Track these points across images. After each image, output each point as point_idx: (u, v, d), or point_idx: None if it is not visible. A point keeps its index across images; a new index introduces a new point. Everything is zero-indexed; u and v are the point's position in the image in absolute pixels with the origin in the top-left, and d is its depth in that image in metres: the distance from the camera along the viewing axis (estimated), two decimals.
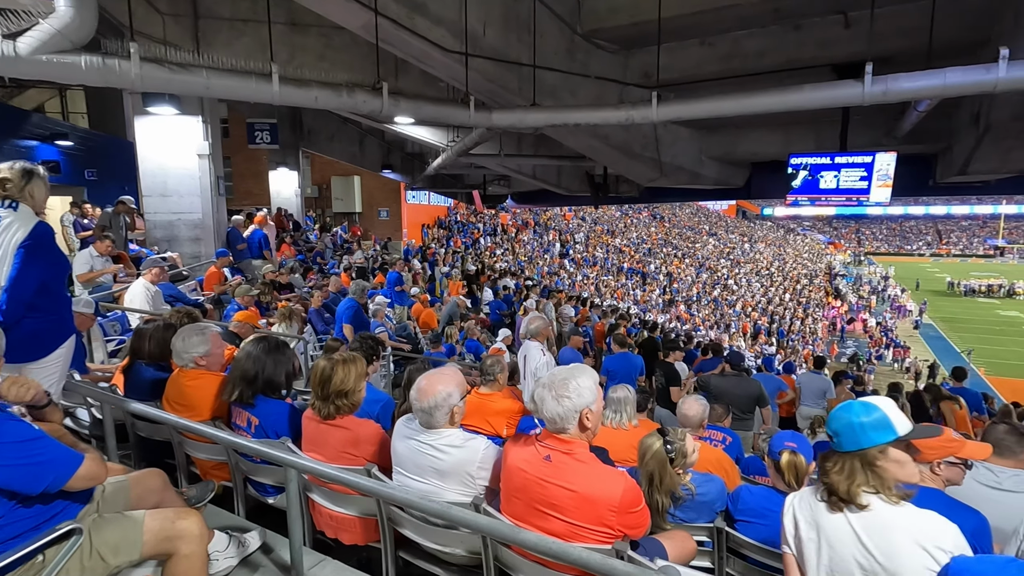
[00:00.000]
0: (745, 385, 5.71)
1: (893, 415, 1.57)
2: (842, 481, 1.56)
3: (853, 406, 1.60)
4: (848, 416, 1.58)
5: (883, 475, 1.54)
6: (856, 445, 1.55)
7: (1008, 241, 63.27)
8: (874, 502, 1.53)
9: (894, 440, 1.55)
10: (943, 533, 1.47)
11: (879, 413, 1.56)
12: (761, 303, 32.47)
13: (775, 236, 62.07)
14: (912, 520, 1.50)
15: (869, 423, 1.55)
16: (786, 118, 7.23)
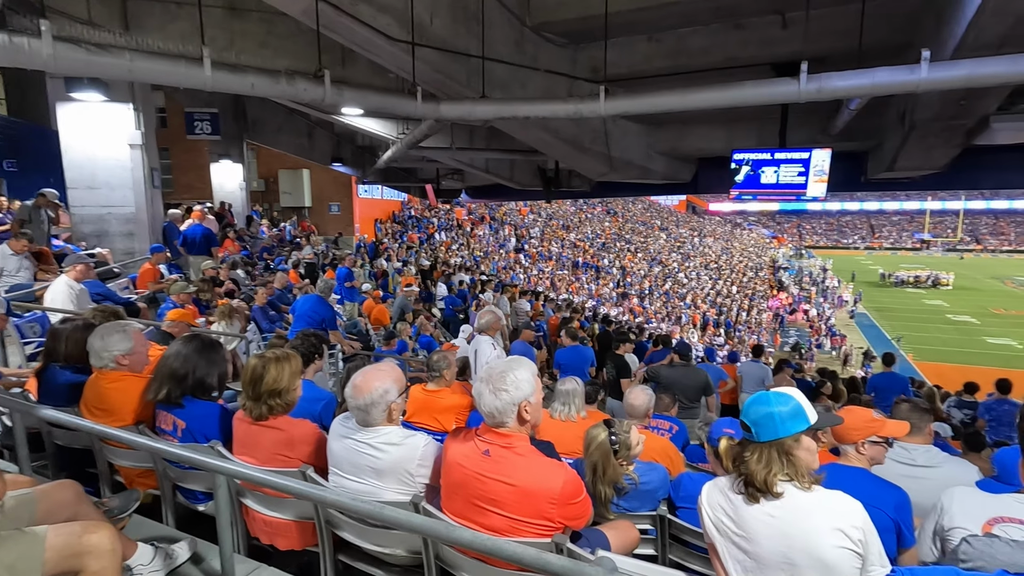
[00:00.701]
0: (692, 375, 5.87)
1: (805, 404, 1.62)
2: (760, 470, 1.58)
3: (770, 397, 1.64)
4: (767, 407, 1.61)
5: (797, 463, 1.58)
6: (774, 435, 1.59)
7: (933, 235, 67.63)
8: (789, 489, 1.57)
9: (807, 428, 1.61)
10: (852, 511, 1.53)
11: (794, 403, 1.61)
12: (710, 295, 33.54)
13: (723, 231, 64.20)
14: (824, 503, 1.55)
15: (786, 413, 1.59)
16: (729, 115, 7.45)
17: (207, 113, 11.50)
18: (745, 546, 1.61)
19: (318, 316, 6.43)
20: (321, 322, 6.51)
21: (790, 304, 35.20)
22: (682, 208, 72.65)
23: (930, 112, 5.29)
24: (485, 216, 29.26)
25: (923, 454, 2.59)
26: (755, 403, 1.64)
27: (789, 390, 1.66)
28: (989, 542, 1.23)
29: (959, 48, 4.16)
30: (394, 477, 1.89)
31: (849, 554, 1.50)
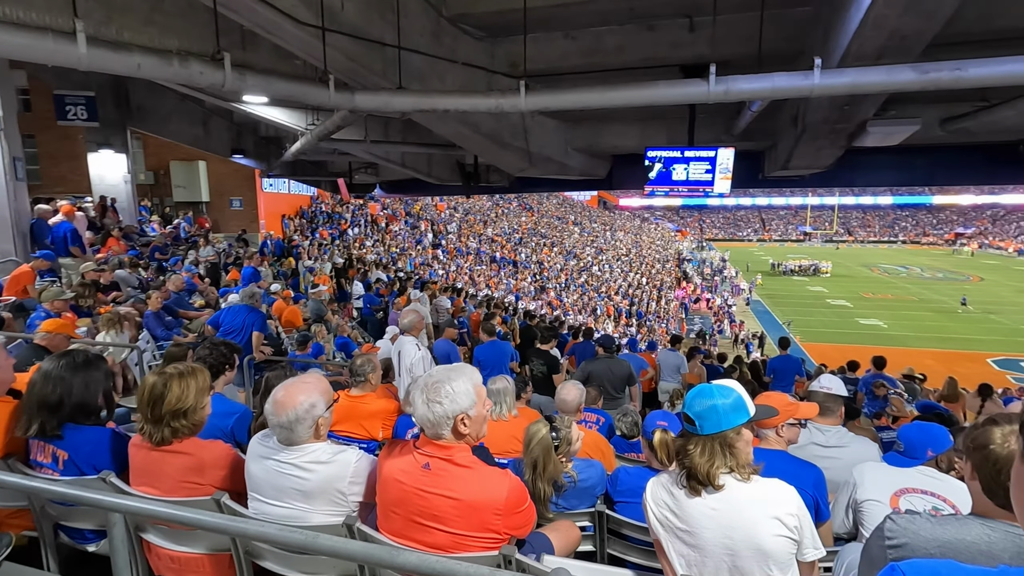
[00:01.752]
0: (617, 367, 6.03)
1: (745, 397, 1.67)
2: (704, 463, 1.61)
3: (712, 390, 1.67)
4: (710, 400, 1.64)
5: (738, 455, 1.63)
6: (717, 428, 1.61)
7: (814, 228, 74.90)
8: (729, 481, 1.61)
9: (747, 421, 1.65)
10: (788, 500, 1.60)
11: (735, 396, 1.65)
12: (623, 287, 34.97)
13: (632, 225, 67.13)
14: (762, 493, 1.61)
15: (728, 406, 1.62)
16: (642, 113, 7.73)
17: (82, 96, 10.24)
18: (689, 540, 1.64)
19: (251, 329, 5.95)
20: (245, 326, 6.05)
21: (694, 293, 37.51)
22: (594, 204, 75.06)
23: (819, 116, 5.77)
24: (400, 211, 28.59)
25: (835, 435, 2.80)
26: (698, 396, 1.66)
27: (730, 383, 1.69)
28: (911, 519, 1.31)
29: (844, 58, 4.53)
30: (324, 498, 1.74)
31: (786, 541, 1.57)
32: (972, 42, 5.36)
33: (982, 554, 1.22)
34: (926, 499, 2.10)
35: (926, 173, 8.24)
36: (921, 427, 2.26)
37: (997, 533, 1.23)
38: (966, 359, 23.32)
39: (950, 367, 19.97)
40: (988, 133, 6.82)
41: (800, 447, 2.66)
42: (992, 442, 1.24)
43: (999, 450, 1.22)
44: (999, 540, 1.22)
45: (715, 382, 1.71)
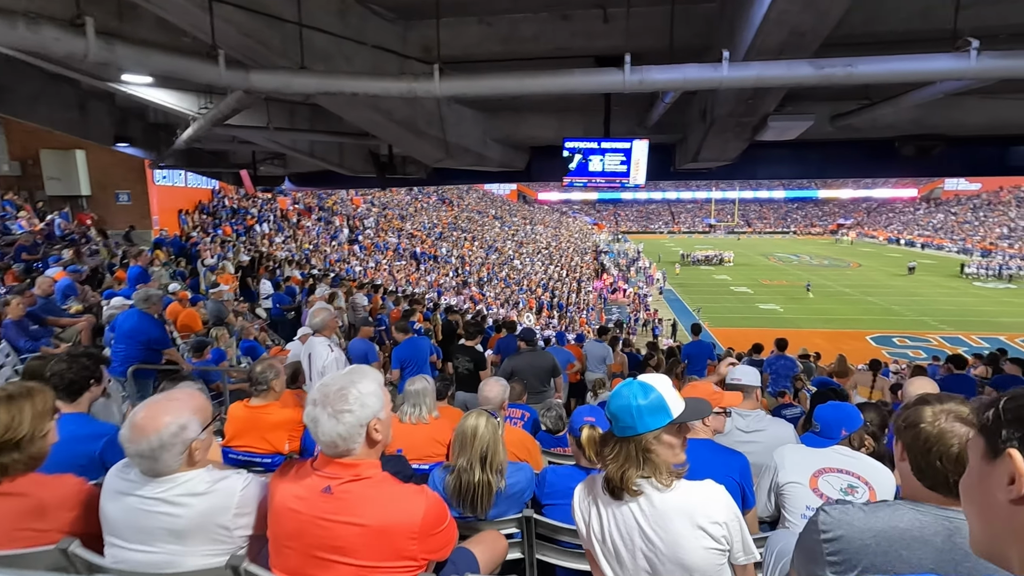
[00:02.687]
0: (540, 359, 5.96)
1: (668, 396, 1.52)
2: (615, 469, 1.48)
3: (632, 387, 1.52)
4: (627, 399, 1.50)
5: (656, 461, 1.49)
6: (632, 431, 1.48)
7: (717, 220, 79.95)
8: (648, 489, 1.47)
9: (668, 423, 1.51)
10: (713, 507, 1.48)
11: (655, 395, 1.50)
12: (543, 280, 35.46)
13: (551, 218, 68.32)
14: (685, 500, 1.48)
15: (646, 406, 1.48)
16: (560, 105, 7.70)
17: None
18: (613, 547, 1.52)
19: (143, 335, 5.36)
20: (147, 342, 5.43)
21: (612, 284, 38.79)
22: (514, 197, 75.63)
23: (726, 109, 5.98)
24: (313, 206, 27.20)
25: (755, 419, 2.84)
26: (616, 395, 1.53)
27: (655, 380, 1.55)
28: (843, 509, 1.27)
29: (749, 52, 4.68)
30: (203, 536, 1.45)
31: (713, 553, 1.46)
32: (855, 44, 5.73)
33: (916, 540, 1.19)
34: (842, 478, 2.15)
35: (818, 167, 8.88)
36: (835, 407, 2.32)
37: (928, 517, 1.20)
38: (849, 337, 25.76)
39: (837, 345, 21.94)
40: (870, 130, 7.41)
41: (723, 433, 2.67)
42: (923, 420, 1.21)
43: (929, 428, 1.20)
44: (930, 524, 1.19)
45: (640, 378, 1.57)
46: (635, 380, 1.55)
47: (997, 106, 6.98)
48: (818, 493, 2.12)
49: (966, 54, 4.16)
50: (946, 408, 1.20)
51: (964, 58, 4.16)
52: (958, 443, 1.15)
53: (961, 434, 1.15)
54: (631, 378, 1.57)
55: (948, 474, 1.16)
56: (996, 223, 58.60)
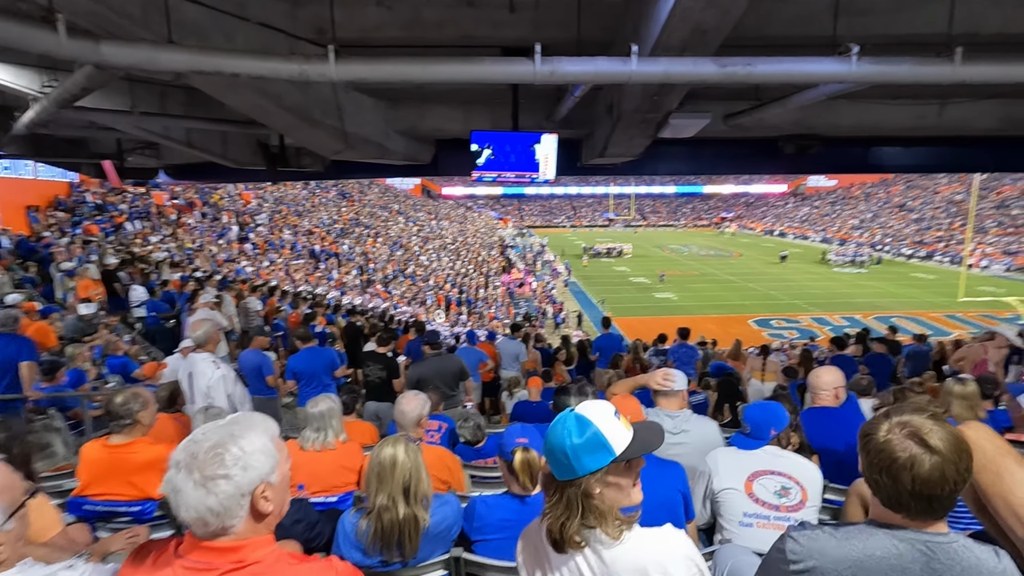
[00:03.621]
0: (447, 364, 5.66)
1: (609, 429, 1.27)
2: (555, 520, 1.26)
3: (567, 422, 1.28)
4: (561, 437, 1.26)
5: (601, 508, 1.26)
6: (570, 474, 1.25)
7: (616, 214, 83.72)
8: (593, 542, 1.26)
9: (612, 462, 1.26)
10: (674, 561, 1.26)
11: (592, 431, 1.25)
12: (451, 275, 35.06)
13: (457, 213, 67.86)
14: (638, 555, 1.26)
15: (583, 445, 1.24)
16: (466, 96, 7.43)
17: None
18: None
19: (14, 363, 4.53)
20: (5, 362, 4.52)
21: (518, 278, 39.21)
22: (418, 192, 74.31)
23: (632, 105, 6.04)
24: (195, 201, 24.77)
25: (682, 419, 2.78)
26: (550, 432, 1.30)
27: (593, 411, 1.30)
28: (812, 535, 1.16)
29: (655, 48, 4.71)
30: None
31: None
32: (746, 46, 5.99)
33: (894, 569, 1.09)
34: (775, 480, 2.12)
35: (711, 163, 9.35)
36: (764, 407, 2.30)
37: (904, 544, 1.11)
38: (735, 321, 27.94)
39: (725, 329, 23.67)
40: (758, 129, 7.88)
41: None
42: (885, 441, 1.12)
43: (886, 447, 1.11)
44: (907, 552, 1.10)
45: (577, 408, 1.32)
46: (571, 413, 1.31)
47: (863, 110, 7.69)
48: (754, 498, 2.07)
49: (848, 59, 4.44)
50: (902, 421, 1.12)
51: (847, 62, 4.43)
52: (929, 463, 1.06)
53: (917, 453, 1.07)
54: (568, 409, 1.33)
55: (904, 494, 1.08)
56: (849, 215, 66.46)
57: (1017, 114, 7.66)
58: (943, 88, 7.29)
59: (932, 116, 7.77)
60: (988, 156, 8.75)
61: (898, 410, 1.16)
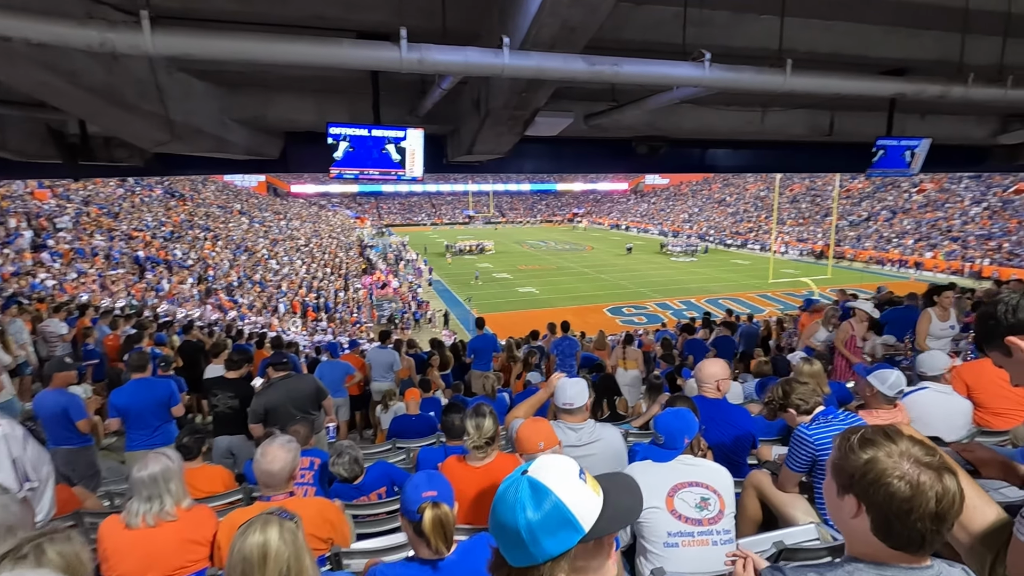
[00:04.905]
0: (299, 386, 4.90)
1: (574, 498, 0.99)
2: None
3: (519, 491, 1.00)
4: (513, 513, 0.98)
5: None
6: (528, 559, 0.99)
7: (476, 211, 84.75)
8: None
9: (581, 541, 1.00)
10: None
11: (552, 501, 0.97)
12: (306, 279, 32.64)
13: (309, 213, 63.58)
14: None
15: (541, 522, 0.96)
16: (319, 84, 6.71)
17: None
18: None
19: None
20: None
21: (380, 279, 37.82)
22: (262, 190, 68.46)
23: (501, 101, 5.89)
24: None
25: (587, 431, 2.64)
26: (499, 503, 1.01)
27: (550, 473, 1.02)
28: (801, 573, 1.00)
29: (524, 43, 4.58)
30: None
31: None
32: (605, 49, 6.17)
33: None
34: (694, 492, 2.04)
35: (573, 162, 9.63)
36: (676, 415, 2.22)
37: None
38: (591, 311, 29.73)
39: (583, 319, 25.00)
40: (615, 130, 8.23)
41: None
42: (889, 474, 1.01)
43: (900, 484, 1.00)
44: None
45: (531, 470, 1.03)
46: (523, 478, 1.02)
47: (702, 114, 8.40)
48: (676, 515, 1.98)
49: (701, 64, 4.70)
50: (903, 451, 1.02)
51: (701, 67, 4.69)
52: (951, 494, 0.97)
53: (940, 489, 0.97)
54: (518, 471, 1.05)
55: (925, 532, 0.98)
56: (680, 210, 74.46)
57: (821, 122, 8.92)
58: (765, 97, 8.23)
59: (756, 122, 8.74)
60: (800, 158, 10.12)
61: (874, 435, 1.06)
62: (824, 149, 9.68)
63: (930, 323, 5.55)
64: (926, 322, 5.57)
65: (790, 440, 2.47)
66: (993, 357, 1.37)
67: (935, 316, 5.58)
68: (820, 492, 2.45)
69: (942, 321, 5.56)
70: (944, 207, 44.75)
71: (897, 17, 6.48)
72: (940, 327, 5.49)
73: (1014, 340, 1.29)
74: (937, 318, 5.56)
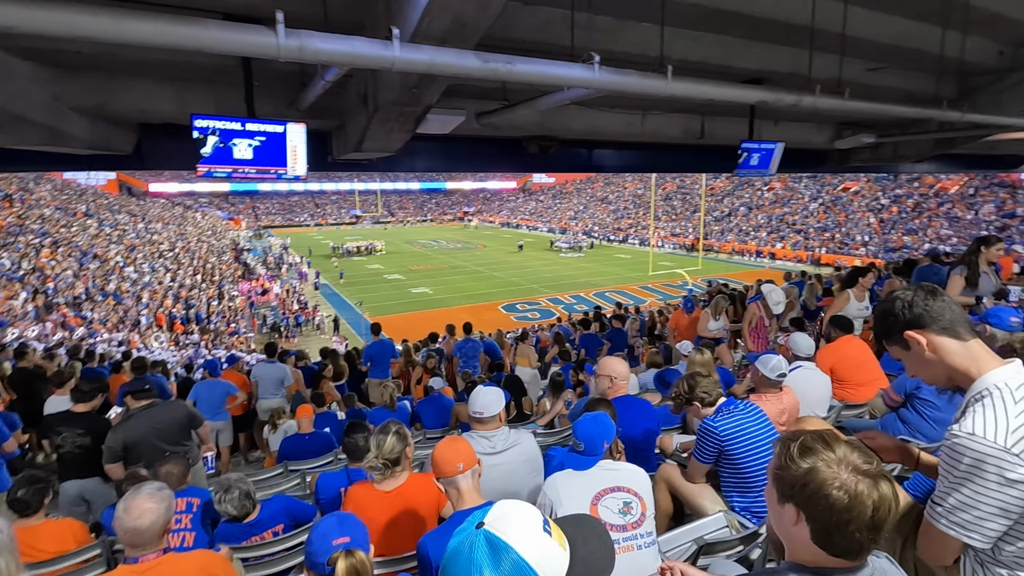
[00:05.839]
0: (167, 413, 4.29)
1: (537, 555, 0.87)
2: None
3: (475, 548, 0.87)
4: (467, 571, 0.85)
5: None
6: None
7: (363, 211, 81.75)
8: None
9: None
10: None
11: (512, 559, 0.85)
12: (172, 289, 29.39)
13: (172, 214, 57.43)
14: None
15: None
16: (178, 71, 5.94)
17: None
18: None
19: None
20: None
21: (261, 285, 35.14)
22: (113, 189, 60.93)
23: (391, 96, 5.61)
24: None
25: (501, 438, 2.53)
26: (450, 562, 0.89)
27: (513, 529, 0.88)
28: None
29: (414, 36, 4.39)
30: None
31: None
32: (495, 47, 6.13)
33: None
34: (616, 497, 2.01)
35: (466, 160, 9.51)
36: (595, 420, 2.18)
37: None
38: (487, 309, 29.94)
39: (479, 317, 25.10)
40: (507, 129, 8.25)
41: None
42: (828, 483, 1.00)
43: (840, 494, 0.99)
44: None
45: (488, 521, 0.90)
46: (479, 533, 0.88)
47: (590, 116, 8.69)
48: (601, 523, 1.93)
49: (592, 66, 4.80)
50: (839, 458, 1.02)
51: (591, 69, 4.79)
52: (890, 498, 0.98)
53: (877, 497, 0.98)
54: (471, 525, 0.91)
55: (863, 541, 0.99)
56: (566, 208, 77.42)
57: (694, 126, 9.61)
58: (645, 101, 8.70)
59: (638, 124, 9.21)
60: (676, 159, 10.84)
61: (813, 443, 1.05)
62: (697, 151, 10.45)
63: (848, 303, 5.98)
64: (844, 301, 6.00)
65: (697, 433, 2.56)
66: (893, 351, 1.47)
67: (854, 297, 6.03)
68: (726, 479, 2.58)
69: (859, 301, 6.01)
70: (789, 203, 50.79)
71: (756, 32, 7.13)
72: (857, 307, 5.99)
73: (911, 334, 1.39)
74: (855, 299, 6.00)
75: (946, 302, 1.38)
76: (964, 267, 4.90)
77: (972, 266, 4.86)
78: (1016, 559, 1.29)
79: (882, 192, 45.16)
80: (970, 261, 4.90)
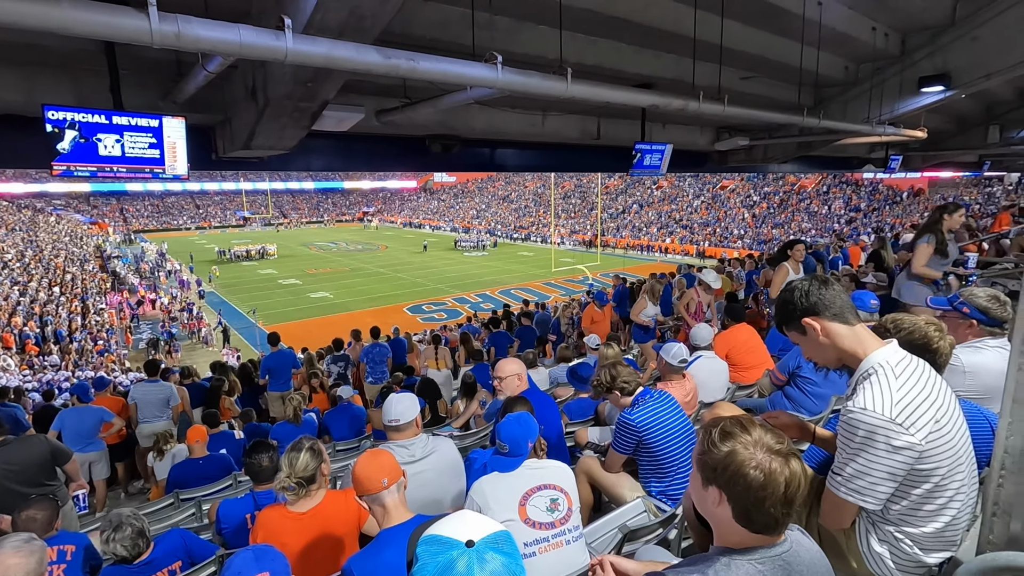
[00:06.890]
0: (24, 451, 3.79)
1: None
2: None
3: (480, 563, 0.83)
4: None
5: None
6: None
7: (252, 212, 76.33)
8: None
9: None
10: None
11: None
12: (23, 304, 25.64)
13: (18, 219, 50.15)
14: None
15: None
16: (26, 54, 5.14)
17: None
18: None
19: None
20: None
21: (135, 296, 31.72)
22: None
23: (283, 90, 5.26)
24: None
25: (420, 445, 2.45)
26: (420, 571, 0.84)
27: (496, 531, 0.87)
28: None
29: (308, 27, 4.16)
30: None
31: None
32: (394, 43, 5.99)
33: None
34: (543, 495, 2.03)
35: (366, 159, 9.16)
36: (518, 420, 2.17)
37: (767, 566, 1.08)
38: (392, 311, 29.23)
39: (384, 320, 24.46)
40: (409, 127, 8.06)
41: None
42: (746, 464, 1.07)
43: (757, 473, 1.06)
44: (771, 572, 1.07)
45: (481, 544, 0.86)
46: (472, 551, 0.83)
47: (492, 115, 8.74)
48: (530, 523, 1.94)
49: (495, 66, 4.82)
50: (755, 440, 1.09)
51: (495, 69, 4.81)
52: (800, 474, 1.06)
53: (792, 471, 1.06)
54: (452, 548, 0.85)
55: (779, 516, 1.06)
56: (468, 207, 77.52)
57: (591, 128, 9.99)
58: (545, 102, 8.90)
59: (538, 125, 9.41)
60: (575, 159, 11.21)
61: (732, 428, 1.12)
62: (594, 151, 10.88)
63: (787, 276, 6.02)
64: (783, 275, 6.03)
65: (616, 425, 2.66)
66: (792, 336, 1.61)
67: (791, 269, 6.09)
68: (643, 466, 2.70)
69: (796, 273, 6.05)
70: (676, 201, 54.57)
71: (645, 39, 7.55)
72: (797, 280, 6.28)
73: (808, 321, 1.53)
74: (792, 271, 6.09)
75: (836, 291, 1.54)
76: (931, 236, 4.66)
77: (939, 234, 4.63)
78: (900, 516, 1.48)
79: (754, 190, 49.90)
80: (936, 230, 4.65)
